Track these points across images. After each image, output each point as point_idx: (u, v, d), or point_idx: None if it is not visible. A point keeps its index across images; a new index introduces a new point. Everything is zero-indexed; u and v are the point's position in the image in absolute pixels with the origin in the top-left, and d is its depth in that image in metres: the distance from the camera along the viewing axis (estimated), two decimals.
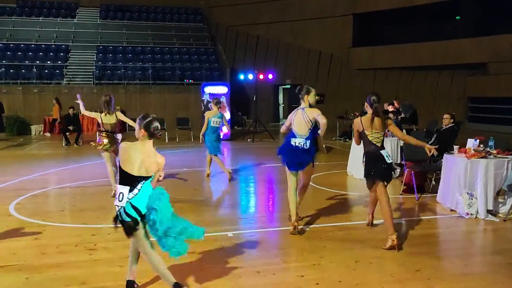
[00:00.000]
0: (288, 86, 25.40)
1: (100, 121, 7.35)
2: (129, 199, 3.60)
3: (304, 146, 5.57)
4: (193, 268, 4.58)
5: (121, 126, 8.13)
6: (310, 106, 5.71)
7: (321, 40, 23.53)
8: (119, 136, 7.36)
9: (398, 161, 8.92)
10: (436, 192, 7.18)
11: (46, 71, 20.09)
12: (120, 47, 22.90)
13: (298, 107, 5.72)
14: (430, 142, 8.55)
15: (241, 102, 22.14)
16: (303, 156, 5.59)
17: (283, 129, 5.97)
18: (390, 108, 13.08)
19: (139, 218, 3.62)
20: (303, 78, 24.26)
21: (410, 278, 4.33)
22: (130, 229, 3.61)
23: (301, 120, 5.58)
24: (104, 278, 4.36)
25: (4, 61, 20.04)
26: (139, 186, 3.62)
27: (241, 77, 19.86)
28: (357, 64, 23.07)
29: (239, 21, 25.23)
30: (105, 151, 7.31)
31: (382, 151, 5.14)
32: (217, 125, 8.70)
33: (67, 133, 14.94)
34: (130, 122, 6.66)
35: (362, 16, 23.05)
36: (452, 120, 8.65)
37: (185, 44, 24.08)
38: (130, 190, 3.61)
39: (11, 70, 19.60)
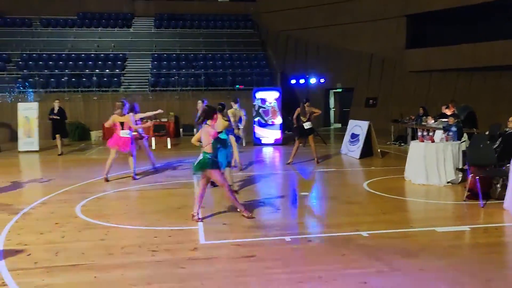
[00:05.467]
0: (339, 90, 25.09)
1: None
2: None
3: None
4: (253, 272, 4.60)
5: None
6: None
7: (373, 43, 23.08)
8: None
9: (460, 166, 8.57)
10: (503, 199, 6.82)
11: (105, 79, 20.98)
12: (174, 55, 23.54)
13: None
14: (495, 146, 8.16)
15: (292, 107, 22.02)
16: None
17: None
18: (448, 112, 12.59)
19: None
20: (355, 81, 23.91)
21: None
22: None
23: None
24: (168, 279, 4.46)
25: (66, 70, 21.13)
26: None
27: (293, 81, 19.80)
28: (411, 66, 22.41)
29: (289, 26, 25.26)
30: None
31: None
32: None
33: None
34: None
35: (415, 17, 22.39)
36: None
37: (236, 50, 24.39)
38: None
39: (73, 79, 20.63)
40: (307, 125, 11.53)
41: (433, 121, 13.20)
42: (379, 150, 12.60)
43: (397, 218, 6.51)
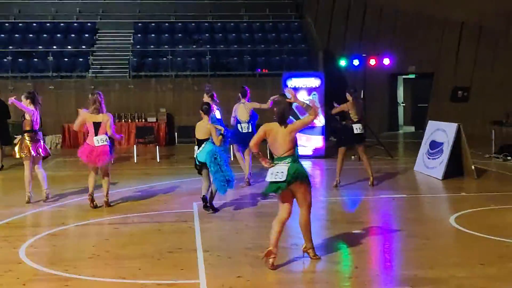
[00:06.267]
0: (413, 76, 24.89)
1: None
2: None
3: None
4: None
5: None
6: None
7: (465, 6, 22.85)
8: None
9: None
10: None
11: (66, 59, 21.29)
12: (166, 24, 23.78)
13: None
14: None
15: (340, 101, 21.96)
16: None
17: None
18: None
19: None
20: (436, 63, 23.69)
21: None
22: None
23: None
24: None
25: (10, 47, 21.48)
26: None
27: (342, 63, 19.72)
28: None
29: None
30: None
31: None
32: None
33: None
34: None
35: None
36: None
37: (258, 16, 24.51)
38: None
39: (20, 59, 20.96)
40: (357, 129, 11.42)
41: None
42: (473, 167, 12.44)
43: (504, 273, 6.35)
